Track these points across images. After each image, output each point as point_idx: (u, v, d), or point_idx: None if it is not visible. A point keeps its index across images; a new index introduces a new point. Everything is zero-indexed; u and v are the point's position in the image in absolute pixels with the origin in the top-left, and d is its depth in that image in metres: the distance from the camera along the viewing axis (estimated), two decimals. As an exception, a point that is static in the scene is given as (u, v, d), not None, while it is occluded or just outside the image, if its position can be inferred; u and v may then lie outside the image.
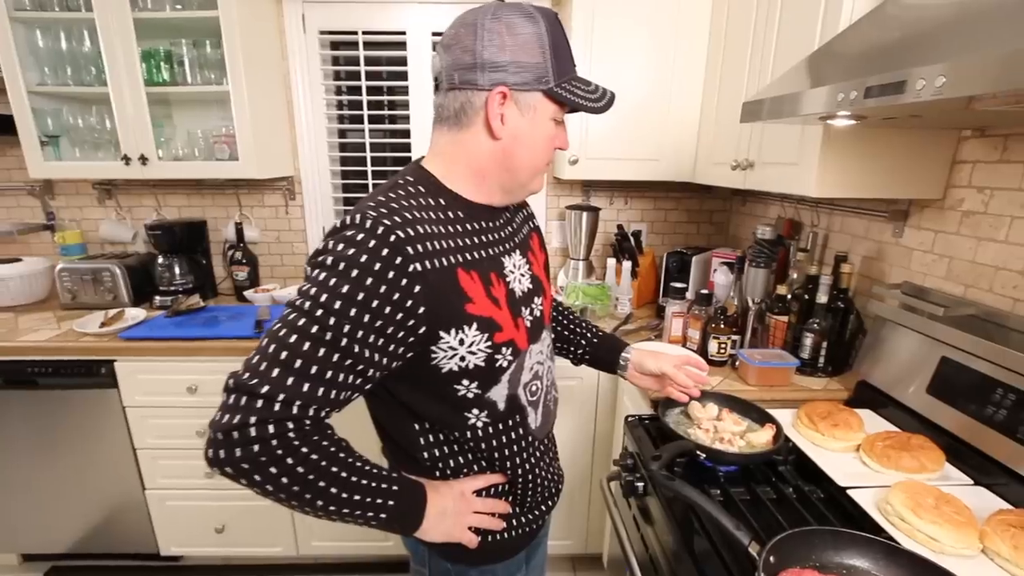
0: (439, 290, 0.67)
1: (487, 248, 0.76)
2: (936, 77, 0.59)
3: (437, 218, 0.71)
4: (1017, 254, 1.01)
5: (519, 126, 0.71)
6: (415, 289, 0.65)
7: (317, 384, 0.62)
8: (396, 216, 0.66)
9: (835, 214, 1.54)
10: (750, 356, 1.32)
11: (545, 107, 0.72)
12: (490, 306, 0.73)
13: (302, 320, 0.62)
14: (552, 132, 0.75)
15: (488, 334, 0.72)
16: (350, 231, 0.65)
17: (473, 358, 0.72)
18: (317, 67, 2.02)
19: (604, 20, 1.69)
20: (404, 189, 0.72)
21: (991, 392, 0.94)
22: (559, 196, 2.18)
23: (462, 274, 0.70)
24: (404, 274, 0.64)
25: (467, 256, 0.72)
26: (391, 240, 0.64)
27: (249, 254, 2.14)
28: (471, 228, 0.75)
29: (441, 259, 0.68)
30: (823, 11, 1.11)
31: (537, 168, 0.77)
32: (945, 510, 0.80)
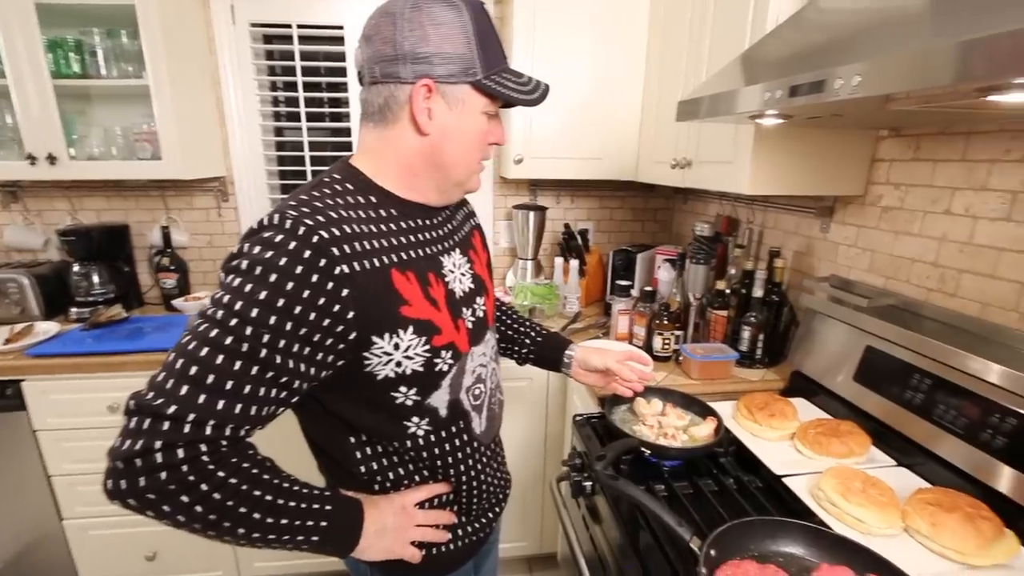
0: (370, 292, 0.63)
1: (424, 247, 0.73)
2: (853, 76, 0.61)
3: (367, 217, 0.68)
4: (929, 247, 1.08)
5: (447, 121, 0.69)
6: (342, 292, 0.61)
7: (233, 400, 0.57)
8: (319, 215, 0.62)
9: (769, 211, 1.60)
10: (692, 351, 1.35)
11: (475, 100, 0.69)
12: (428, 308, 0.70)
13: (214, 331, 0.57)
14: (484, 127, 0.72)
15: (426, 337, 0.69)
16: (267, 232, 0.60)
17: (410, 363, 0.69)
18: (249, 61, 1.92)
19: (546, 17, 1.69)
20: (329, 187, 0.68)
21: (910, 378, 0.99)
22: (506, 196, 2.17)
23: (396, 275, 0.67)
24: (329, 277, 0.60)
25: (402, 256, 0.69)
26: (313, 241, 0.59)
27: (178, 260, 2.01)
28: (405, 227, 0.72)
29: (372, 260, 0.64)
30: (752, 14, 1.15)
31: (470, 165, 0.74)
32: (871, 492, 0.84)
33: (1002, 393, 0.84)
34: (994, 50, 0.45)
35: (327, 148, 2.05)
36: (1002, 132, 0.94)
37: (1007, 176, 0.93)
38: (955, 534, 0.76)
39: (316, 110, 2.02)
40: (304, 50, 1.91)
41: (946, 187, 1.04)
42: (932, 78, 0.51)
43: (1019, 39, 0.42)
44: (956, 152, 1.02)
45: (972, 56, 0.48)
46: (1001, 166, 0.94)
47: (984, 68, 0.47)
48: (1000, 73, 0.44)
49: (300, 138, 2.01)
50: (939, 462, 0.94)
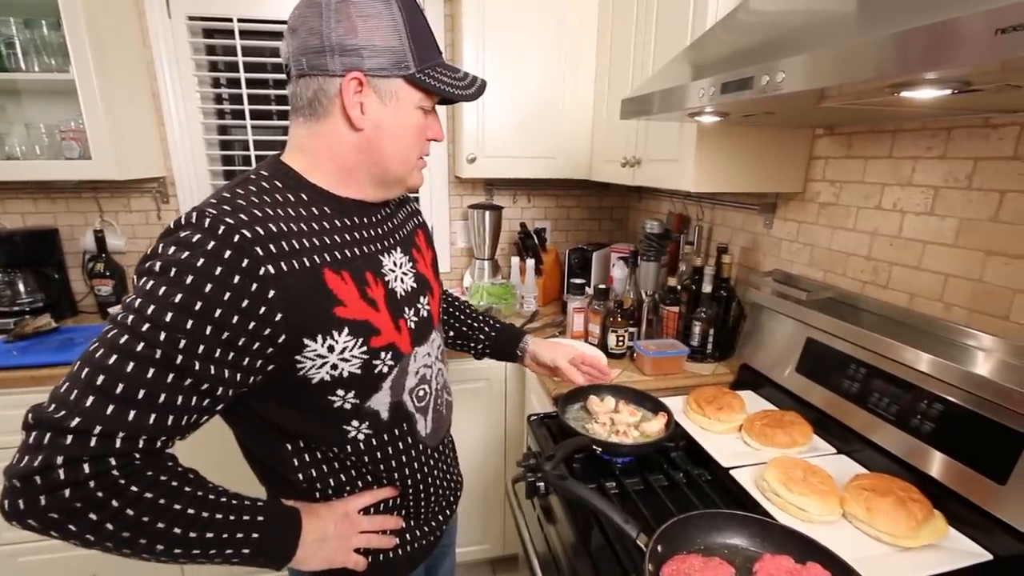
0: (300, 293, 0.60)
1: (361, 246, 0.71)
2: (777, 73, 0.62)
3: (297, 215, 0.65)
4: (863, 241, 1.12)
5: (381, 116, 0.66)
6: (268, 294, 0.58)
7: (147, 410, 0.53)
8: (242, 214, 0.59)
9: (716, 208, 1.64)
10: (645, 347, 1.37)
11: (409, 95, 0.67)
12: (365, 308, 0.68)
13: (124, 337, 0.53)
14: (420, 122, 0.70)
15: (363, 339, 0.67)
16: (184, 232, 0.57)
17: (347, 365, 0.66)
18: (187, 56, 1.83)
19: (496, 15, 1.67)
20: (255, 185, 0.65)
21: (847, 368, 1.03)
22: (461, 195, 2.14)
23: (330, 275, 0.64)
24: (253, 278, 0.57)
25: (336, 255, 0.66)
26: (235, 241, 0.56)
27: (114, 265, 1.89)
28: (340, 225, 0.69)
29: (302, 259, 0.62)
30: (692, 15, 1.17)
31: (408, 161, 0.72)
32: (812, 481, 0.86)
33: (931, 381, 0.88)
34: (902, 46, 0.46)
35: (275, 147, 1.98)
36: (924, 130, 0.98)
37: (929, 172, 0.97)
38: (888, 517, 0.79)
39: (262, 108, 1.94)
40: (248, 45, 1.84)
41: (876, 183, 1.08)
42: (849, 74, 0.53)
43: (924, 35, 0.43)
44: (884, 149, 1.06)
45: (882, 53, 0.49)
46: (924, 163, 0.98)
47: (891, 65, 0.48)
48: (904, 70, 0.46)
49: (246, 136, 1.93)
50: (875, 448, 0.98)
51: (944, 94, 0.53)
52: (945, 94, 0.53)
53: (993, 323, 0.88)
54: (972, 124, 0.89)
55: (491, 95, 1.74)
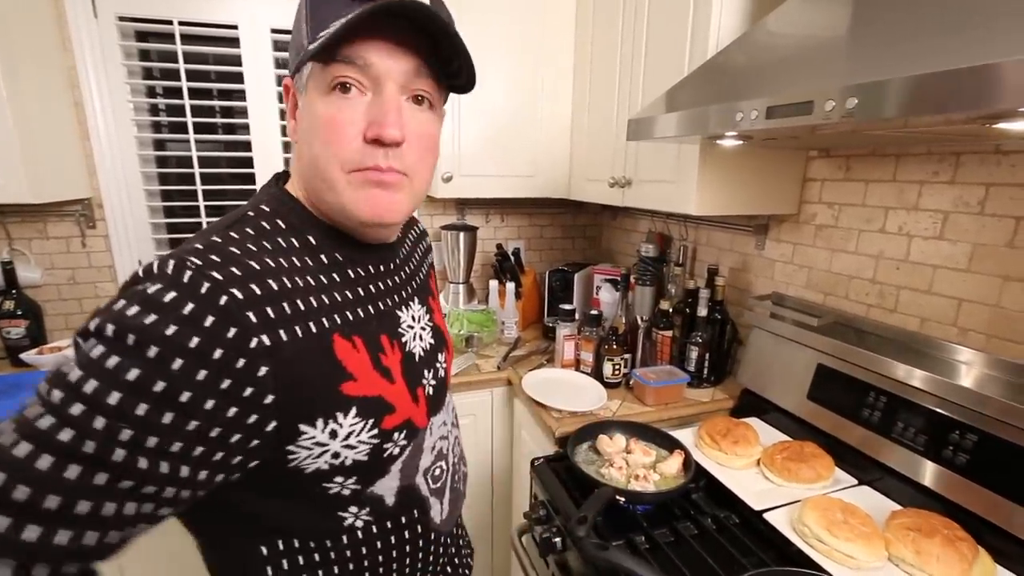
0: (300, 369, 0.47)
1: (377, 301, 0.58)
2: (847, 99, 0.57)
3: (303, 266, 0.51)
4: (867, 264, 1.11)
5: (302, 118, 0.53)
6: (259, 372, 0.44)
7: (57, 526, 0.39)
8: (233, 266, 0.45)
9: (701, 228, 1.62)
10: (645, 377, 1.30)
11: (311, 78, 0.50)
12: (378, 381, 0.54)
13: (46, 421, 0.39)
14: (326, 110, 0.49)
15: (374, 419, 0.53)
16: (154, 286, 0.42)
17: (351, 452, 0.52)
18: (118, 62, 1.61)
19: (468, 28, 1.58)
20: (253, 225, 0.51)
21: (866, 396, 1.00)
22: (432, 215, 2.02)
23: (340, 343, 0.51)
24: (240, 352, 0.43)
25: (347, 316, 0.53)
26: (221, 303, 0.43)
27: (27, 303, 1.62)
28: (354, 276, 0.56)
29: (307, 324, 0.48)
30: (690, 31, 1.13)
31: (327, 171, 0.50)
32: (853, 523, 0.82)
33: (961, 410, 0.86)
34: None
35: (221, 164, 1.78)
36: (930, 155, 0.98)
37: (937, 197, 0.97)
38: (940, 560, 0.75)
39: (207, 120, 1.74)
40: (190, 51, 1.64)
41: (879, 206, 1.08)
42: (954, 103, 0.48)
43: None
44: (887, 173, 1.06)
45: (998, 79, 0.44)
46: (931, 187, 0.98)
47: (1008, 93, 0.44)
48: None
49: (188, 152, 1.72)
50: (895, 476, 0.95)
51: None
52: (1048, 126, 0.49)
53: (1014, 349, 0.88)
54: (983, 150, 0.90)
55: (466, 112, 1.64)
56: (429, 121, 0.54)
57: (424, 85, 0.51)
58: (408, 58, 0.49)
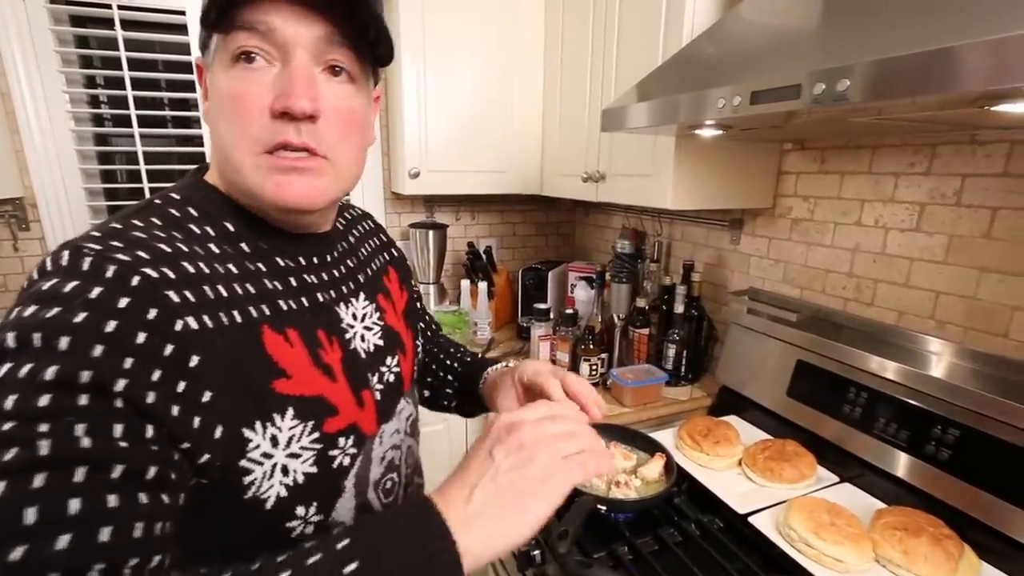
0: (232, 362, 0.42)
1: (312, 293, 0.52)
2: (838, 81, 0.53)
3: (222, 252, 0.46)
4: (843, 258, 1.10)
5: (211, 98, 0.47)
6: (191, 361, 0.39)
7: (56, 532, 0.32)
8: (139, 250, 0.39)
9: (676, 223, 1.60)
10: (623, 376, 1.27)
11: (218, 51, 0.45)
12: (318, 379, 0.49)
13: None
14: (226, 85, 0.44)
15: (314, 422, 0.47)
16: (49, 281, 0.37)
17: (298, 463, 0.46)
18: (49, 49, 1.48)
19: (436, 15, 1.52)
20: (160, 212, 0.45)
21: (846, 392, 0.99)
22: (399, 214, 1.95)
23: (270, 335, 0.45)
24: (167, 336, 0.38)
25: (279, 305, 0.47)
26: (133, 284, 0.37)
27: (-49, 312, 1.48)
28: (282, 265, 0.51)
29: (232, 313, 0.43)
30: (664, 19, 1.09)
31: (234, 151, 0.45)
32: (839, 524, 0.80)
33: (943, 404, 0.85)
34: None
35: (172, 160, 1.66)
36: (905, 146, 0.97)
37: (913, 189, 0.96)
38: (928, 560, 0.73)
39: (155, 114, 1.62)
40: (132, 38, 1.52)
41: (855, 199, 1.07)
42: (950, 83, 0.44)
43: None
44: (862, 165, 1.04)
45: (998, 56, 0.41)
46: (907, 179, 0.97)
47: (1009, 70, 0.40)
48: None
49: (133, 148, 1.60)
50: (877, 473, 0.94)
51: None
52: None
53: (991, 340, 0.87)
54: (958, 141, 0.89)
55: (433, 106, 1.58)
56: (350, 95, 0.48)
57: (339, 55, 0.45)
58: (319, 24, 0.43)
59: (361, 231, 0.68)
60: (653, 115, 0.83)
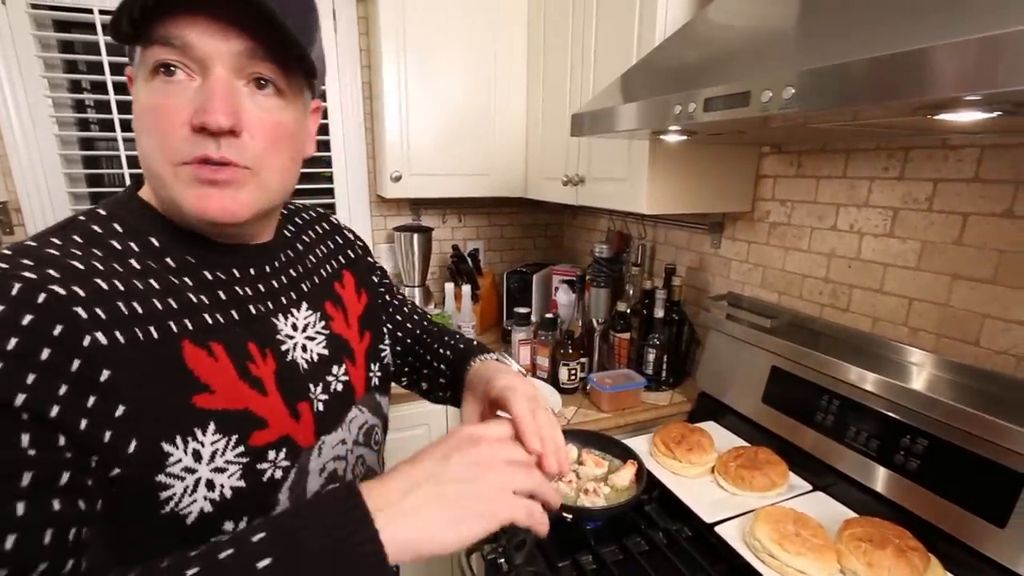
0: (147, 377, 0.41)
1: (243, 305, 0.51)
2: (784, 88, 0.52)
3: (143, 268, 0.45)
4: (820, 263, 1.09)
5: (133, 106, 0.46)
6: (100, 376, 0.39)
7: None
8: (49, 268, 0.39)
9: (659, 226, 1.59)
10: (601, 382, 1.26)
11: (139, 64, 0.44)
12: (245, 392, 0.48)
13: None
14: (145, 98, 0.43)
15: (238, 435, 0.47)
16: None
17: (224, 478, 0.46)
18: (32, 54, 1.48)
19: (416, 16, 1.51)
20: (82, 229, 0.45)
21: (819, 399, 0.97)
22: (385, 216, 1.94)
23: (191, 350, 0.45)
24: (74, 352, 0.38)
25: (203, 319, 0.47)
26: (39, 301, 0.37)
27: (-66, 316, 1.48)
28: (211, 279, 0.50)
29: (148, 328, 0.43)
30: (637, 27, 1.08)
31: (155, 163, 0.44)
32: (805, 535, 0.79)
33: (913, 414, 0.83)
34: (971, 59, 0.37)
35: (155, 164, 1.66)
36: (879, 150, 0.96)
37: (887, 193, 0.95)
38: (891, 572, 0.72)
39: (137, 118, 1.62)
40: (115, 43, 1.52)
41: (831, 203, 1.05)
42: (889, 91, 0.43)
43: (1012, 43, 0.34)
44: (837, 169, 1.03)
45: (938, 65, 0.40)
46: (881, 183, 0.96)
47: (949, 80, 0.39)
48: (981, 84, 0.36)
49: (117, 151, 1.60)
50: (851, 483, 0.93)
51: (989, 117, 0.45)
52: (990, 117, 0.45)
53: (962, 348, 0.86)
54: (931, 145, 0.87)
55: (415, 109, 1.57)
56: (277, 108, 0.47)
57: (263, 68, 0.44)
58: (239, 39, 0.42)
59: (312, 236, 0.67)
60: (616, 120, 0.82)
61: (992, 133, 0.78)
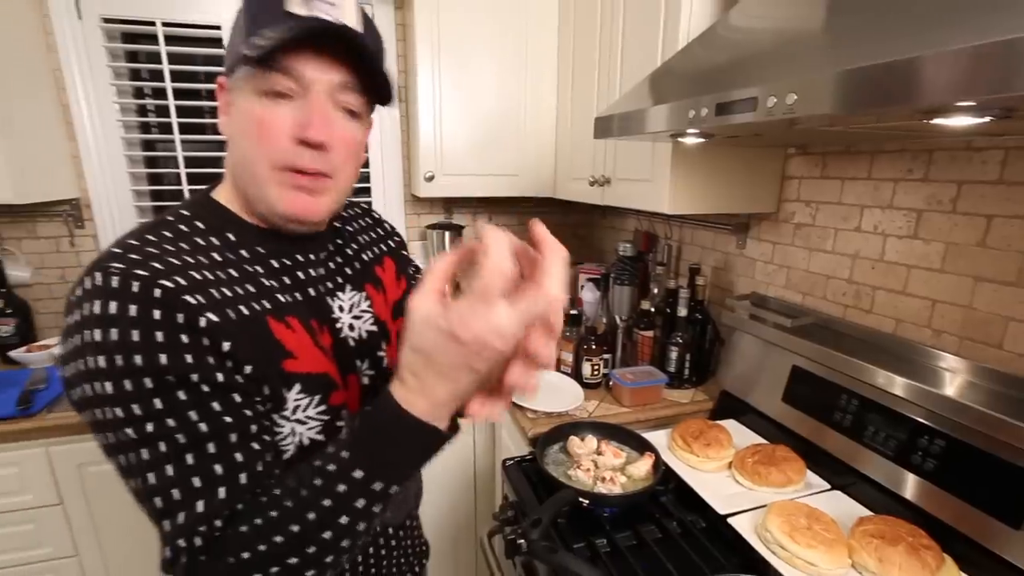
0: (251, 342, 0.50)
1: (304, 287, 0.60)
2: (787, 95, 0.55)
3: (224, 260, 0.54)
4: (844, 264, 1.09)
5: (233, 118, 0.54)
6: (223, 347, 0.48)
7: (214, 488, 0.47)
8: (155, 262, 0.47)
9: (685, 227, 1.60)
10: (622, 377, 1.29)
11: (247, 81, 0.52)
12: (320, 359, 0.57)
13: (142, 451, 0.46)
14: (257, 111, 0.51)
15: (320, 395, 0.56)
16: (89, 303, 0.45)
17: (304, 430, 0.55)
18: (103, 63, 1.62)
19: (451, 22, 1.57)
20: (170, 228, 0.53)
21: (838, 398, 0.98)
22: (419, 215, 2.02)
23: (274, 323, 0.53)
24: (199, 331, 0.46)
25: (278, 300, 0.55)
26: (156, 296, 0.45)
27: (17, 301, 1.64)
28: (278, 266, 0.58)
29: (239, 307, 0.51)
30: (662, 30, 1.11)
31: (255, 170, 0.52)
32: (817, 529, 0.80)
33: (931, 415, 0.84)
34: (964, 65, 0.40)
35: (208, 164, 1.79)
36: (904, 151, 0.96)
37: (911, 195, 0.95)
38: (902, 569, 0.73)
39: (195, 121, 1.75)
40: (175, 52, 1.65)
41: (855, 204, 1.05)
42: (883, 96, 0.46)
43: (1003, 51, 0.36)
44: (862, 170, 1.03)
45: (934, 72, 0.42)
46: (905, 185, 0.96)
47: (943, 87, 0.42)
48: (967, 91, 0.39)
49: (175, 152, 1.73)
50: (870, 483, 0.93)
51: (982, 121, 0.47)
52: (983, 121, 0.47)
53: (985, 351, 0.85)
54: (954, 147, 0.87)
55: (448, 111, 1.64)
56: (355, 129, 0.56)
57: (351, 98, 0.54)
58: (337, 72, 0.52)
59: (356, 227, 0.74)
60: (635, 124, 0.85)
61: (1014, 136, 0.77)
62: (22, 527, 1.32)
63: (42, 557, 1.36)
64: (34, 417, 1.27)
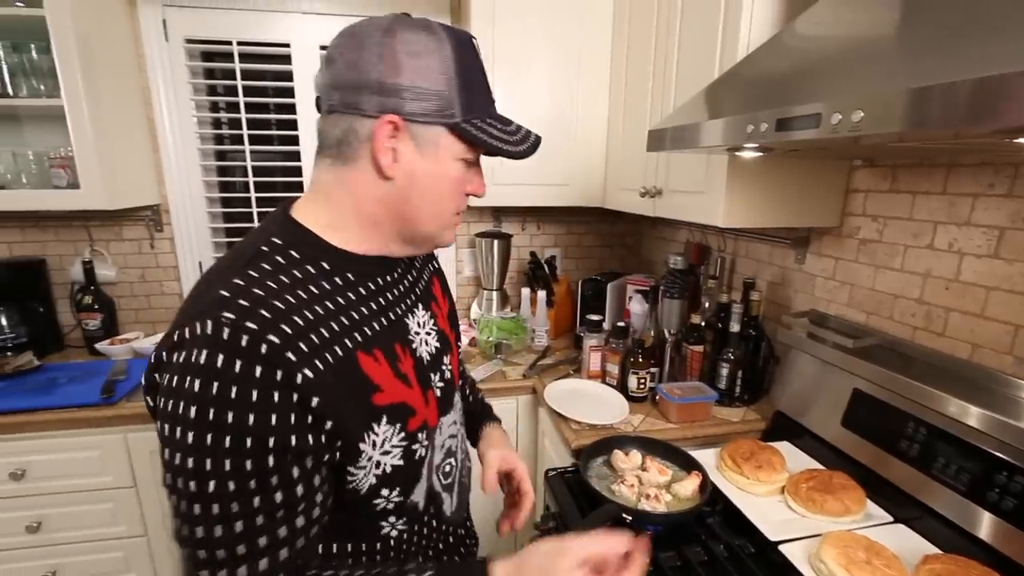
0: (341, 390, 0.53)
1: (387, 312, 0.63)
2: (853, 112, 0.53)
3: (321, 292, 0.56)
4: (914, 283, 1.03)
5: (416, 165, 0.57)
6: (312, 402, 0.50)
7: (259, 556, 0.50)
8: (263, 309, 0.50)
9: (740, 240, 1.55)
10: (670, 392, 1.27)
11: (450, 145, 0.58)
12: (400, 388, 0.60)
13: (196, 506, 0.48)
14: (460, 175, 0.60)
15: (401, 423, 0.60)
16: (196, 351, 0.48)
17: (388, 459, 0.59)
18: (184, 80, 1.76)
19: (505, 34, 1.60)
20: (269, 260, 0.55)
21: (905, 426, 0.92)
22: (468, 223, 2.06)
23: (364, 359, 0.57)
24: (293, 388, 0.49)
25: (365, 332, 0.58)
26: (262, 352, 0.48)
27: (103, 298, 1.80)
28: (365, 292, 0.61)
29: (334, 348, 0.54)
30: (720, 39, 1.09)
31: (442, 217, 0.62)
32: (877, 564, 0.76)
33: (1010, 450, 0.78)
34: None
35: (275, 173, 1.90)
36: (984, 165, 0.89)
37: (992, 212, 0.88)
38: (973, 615, 0.68)
39: (263, 133, 1.87)
40: (247, 69, 1.77)
41: (927, 220, 0.99)
42: (965, 115, 0.44)
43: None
44: (937, 185, 0.97)
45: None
46: (985, 200, 0.90)
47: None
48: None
49: (244, 162, 1.85)
50: (937, 517, 0.87)
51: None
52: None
53: (1077, 383, 0.78)
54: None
55: (501, 120, 1.66)
56: None
57: None
58: None
59: None
60: (689, 138, 0.84)
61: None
62: (101, 505, 1.44)
63: (117, 535, 1.48)
64: (115, 405, 1.39)
